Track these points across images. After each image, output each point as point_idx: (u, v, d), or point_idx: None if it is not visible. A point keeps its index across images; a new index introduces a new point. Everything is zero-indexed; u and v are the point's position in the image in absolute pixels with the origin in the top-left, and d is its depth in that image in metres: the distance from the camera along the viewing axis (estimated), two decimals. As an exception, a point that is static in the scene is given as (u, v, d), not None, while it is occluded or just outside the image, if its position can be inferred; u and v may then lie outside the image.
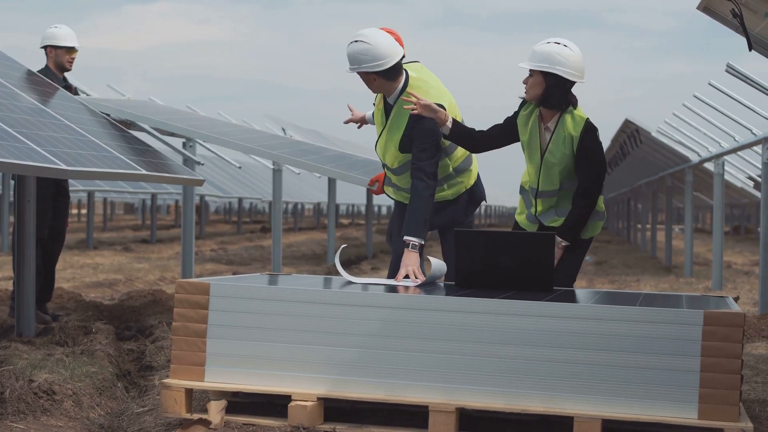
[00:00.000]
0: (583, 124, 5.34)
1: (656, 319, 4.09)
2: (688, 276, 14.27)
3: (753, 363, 6.43)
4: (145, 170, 6.56)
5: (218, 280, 4.69)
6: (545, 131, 5.43)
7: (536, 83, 5.31)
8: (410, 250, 5.30)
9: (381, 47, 5.33)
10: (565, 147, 5.35)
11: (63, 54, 8.13)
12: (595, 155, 5.40)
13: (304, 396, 4.32)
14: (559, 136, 5.36)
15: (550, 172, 5.43)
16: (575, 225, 5.44)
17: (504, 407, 4.18)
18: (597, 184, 5.44)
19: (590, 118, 5.40)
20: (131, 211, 62.39)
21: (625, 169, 23.56)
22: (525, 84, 5.37)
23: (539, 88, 5.31)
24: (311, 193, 34.46)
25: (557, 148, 5.37)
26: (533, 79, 5.31)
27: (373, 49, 5.32)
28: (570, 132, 5.33)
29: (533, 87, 5.33)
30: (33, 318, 6.92)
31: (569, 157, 5.36)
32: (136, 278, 12.69)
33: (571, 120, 5.35)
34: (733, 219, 40.73)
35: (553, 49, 5.26)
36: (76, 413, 4.89)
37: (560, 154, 5.37)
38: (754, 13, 6.32)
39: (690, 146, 14.02)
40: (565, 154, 5.36)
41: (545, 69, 5.25)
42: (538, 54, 5.26)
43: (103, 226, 31.27)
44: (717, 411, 4.00)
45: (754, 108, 9.44)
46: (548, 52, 5.26)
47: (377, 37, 5.34)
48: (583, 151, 5.35)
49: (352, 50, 5.35)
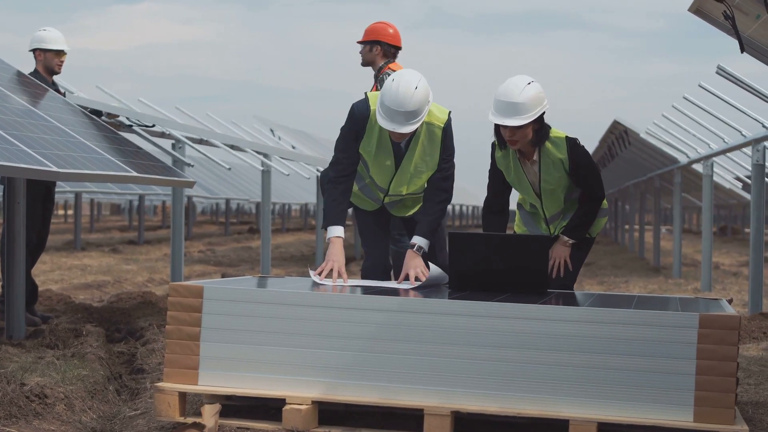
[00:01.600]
0: (565, 144, 5.34)
1: (652, 322, 4.08)
2: (676, 277, 14.28)
3: (745, 365, 6.43)
4: (136, 172, 6.54)
5: (211, 283, 4.66)
6: (531, 165, 5.42)
7: (527, 132, 5.22)
8: (415, 252, 5.29)
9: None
10: (557, 171, 5.37)
11: (52, 57, 8.06)
12: (589, 165, 5.44)
13: (298, 399, 4.31)
14: (547, 165, 5.36)
15: (552, 197, 5.47)
16: (582, 225, 5.48)
17: (499, 410, 4.18)
18: (600, 187, 5.50)
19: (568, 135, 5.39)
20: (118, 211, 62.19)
21: (613, 170, 23.59)
22: (511, 138, 5.22)
23: (530, 135, 5.25)
24: (298, 194, 34.44)
25: (550, 175, 5.38)
26: (523, 130, 5.19)
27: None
28: (557, 156, 5.33)
29: (524, 137, 5.23)
30: (23, 320, 6.90)
31: (565, 177, 5.40)
32: (124, 280, 12.64)
33: (552, 145, 5.33)
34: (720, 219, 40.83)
35: (534, 90, 5.14)
36: (69, 417, 4.86)
37: (555, 179, 5.39)
38: (746, 15, 6.33)
39: (679, 147, 14.03)
40: (559, 177, 5.38)
41: (539, 115, 5.18)
42: (525, 104, 5.11)
43: (90, 227, 31.17)
44: (712, 414, 4.00)
45: (744, 109, 9.45)
46: (533, 96, 5.13)
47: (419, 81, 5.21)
48: (577, 167, 5.37)
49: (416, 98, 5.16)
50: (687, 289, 12.32)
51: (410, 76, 5.15)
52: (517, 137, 5.21)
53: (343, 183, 5.39)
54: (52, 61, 8.07)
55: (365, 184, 5.68)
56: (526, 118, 5.12)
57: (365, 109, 5.35)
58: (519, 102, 5.10)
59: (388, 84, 5.14)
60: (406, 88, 5.08)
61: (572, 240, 5.51)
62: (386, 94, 5.12)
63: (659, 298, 4.98)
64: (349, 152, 5.42)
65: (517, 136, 5.20)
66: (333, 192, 5.36)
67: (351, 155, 5.42)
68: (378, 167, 5.48)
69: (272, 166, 12.13)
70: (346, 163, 5.41)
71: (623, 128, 16.23)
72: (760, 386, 5.79)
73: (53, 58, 8.07)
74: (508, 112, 5.13)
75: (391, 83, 5.13)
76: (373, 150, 5.40)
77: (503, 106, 5.14)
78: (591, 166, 5.44)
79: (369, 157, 5.44)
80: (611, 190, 29.51)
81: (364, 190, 5.71)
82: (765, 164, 9.39)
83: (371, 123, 5.34)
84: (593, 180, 5.44)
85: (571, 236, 5.50)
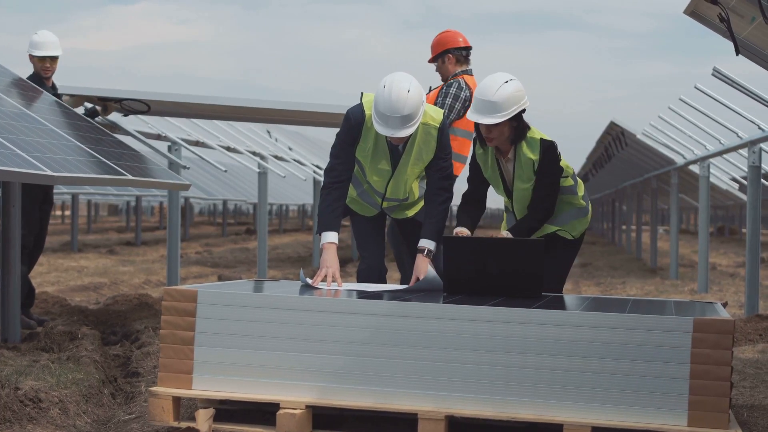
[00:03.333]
0: (539, 145, 5.34)
1: (646, 326, 4.08)
2: (673, 278, 14.28)
3: (740, 367, 6.43)
4: (131, 175, 6.53)
5: (205, 287, 4.66)
6: (506, 163, 5.43)
7: (504, 129, 5.25)
8: (425, 256, 5.30)
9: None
10: (528, 171, 5.37)
11: (36, 62, 8.01)
12: (551, 168, 5.40)
13: (292, 404, 4.30)
14: (521, 163, 5.38)
15: (524, 195, 5.46)
16: (527, 231, 5.42)
17: (493, 415, 4.17)
18: (552, 197, 5.45)
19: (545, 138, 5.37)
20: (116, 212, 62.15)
21: (610, 170, 23.59)
22: (488, 135, 5.25)
23: (507, 132, 5.28)
24: (295, 195, 34.42)
25: (524, 173, 5.38)
26: (500, 128, 5.22)
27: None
28: (529, 157, 5.34)
29: (501, 134, 5.27)
30: (18, 324, 6.89)
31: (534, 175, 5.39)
32: (121, 282, 12.63)
33: (527, 145, 5.34)
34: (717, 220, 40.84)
35: (511, 88, 5.16)
36: (63, 421, 4.86)
37: (527, 178, 5.39)
38: (741, 18, 6.32)
39: (675, 149, 14.04)
40: (531, 176, 5.38)
41: (515, 113, 5.20)
42: (500, 103, 5.14)
43: (87, 228, 31.15)
44: (707, 418, 3.99)
45: (740, 111, 9.45)
46: (509, 95, 5.15)
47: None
48: (542, 169, 5.37)
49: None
50: (684, 291, 12.31)
51: (402, 80, 5.15)
52: (494, 135, 5.25)
53: (337, 189, 5.39)
54: (37, 67, 8.02)
55: (363, 189, 5.68)
56: (500, 117, 5.16)
57: (360, 113, 5.36)
58: (494, 100, 5.14)
59: (380, 90, 5.15)
60: (399, 93, 5.09)
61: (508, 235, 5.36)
62: (379, 100, 5.13)
63: (654, 301, 4.98)
64: (344, 158, 5.42)
65: (493, 134, 5.25)
66: (327, 198, 5.38)
67: (346, 161, 5.42)
68: (375, 171, 5.49)
69: (269, 168, 12.12)
70: (340, 170, 5.41)
71: (620, 129, 16.24)
72: (756, 389, 5.78)
73: (37, 63, 8.00)
74: (484, 110, 5.17)
75: (383, 89, 5.14)
76: (370, 154, 5.40)
77: (480, 104, 5.19)
78: (551, 169, 5.38)
79: (366, 161, 5.45)
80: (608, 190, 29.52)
81: (362, 195, 5.72)
82: (761, 166, 9.40)
83: (367, 126, 5.34)
84: (544, 181, 5.38)
85: (513, 233, 5.38)
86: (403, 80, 5.15)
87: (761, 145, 9.36)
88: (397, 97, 5.07)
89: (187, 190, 7.51)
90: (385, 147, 5.41)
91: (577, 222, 5.67)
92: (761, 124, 9.17)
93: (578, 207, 5.65)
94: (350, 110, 5.42)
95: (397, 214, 5.83)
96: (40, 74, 8.02)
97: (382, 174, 5.51)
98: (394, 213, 5.81)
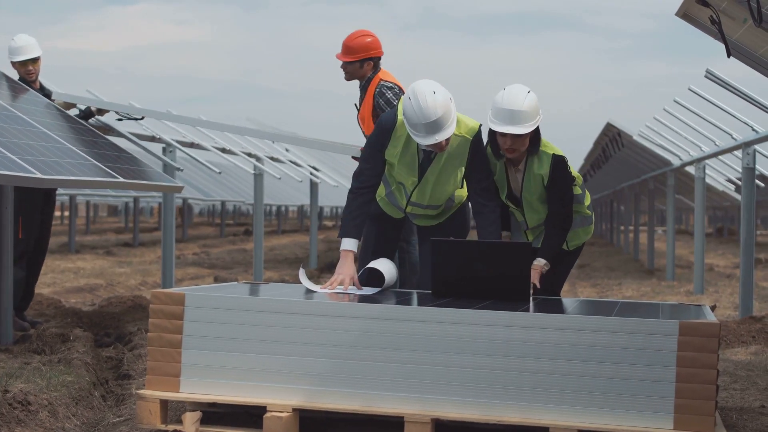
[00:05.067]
0: (550, 161, 5.30)
1: (632, 329, 4.08)
2: (670, 279, 14.28)
3: (732, 369, 6.42)
4: (122, 177, 6.53)
5: (193, 290, 4.66)
6: (516, 173, 5.41)
7: (526, 140, 5.20)
8: None
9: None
10: (537, 184, 5.36)
11: (19, 68, 8.00)
12: (563, 184, 5.38)
13: (279, 407, 4.30)
14: (530, 176, 5.35)
15: (532, 206, 5.46)
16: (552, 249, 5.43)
17: (479, 418, 4.17)
18: (567, 208, 5.44)
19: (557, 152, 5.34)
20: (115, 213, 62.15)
21: (608, 171, 23.60)
22: (511, 146, 5.18)
23: (527, 143, 5.23)
24: (294, 196, 34.40)
25: (531, 185, 5.37)
26: (522, 139, 5.16)
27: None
28: (539, 172, 5.32)
29: (523, 145, 5.21)
30: (10, 326, 6.89)
31: (545, 191, 5.38)
32: (117, 283, 12.63)
33: (538, 160, 5.31)
34: (716, 220, 40.81)
35: (534, 99, 5.11)
36: (52, 424, 4.85)
37: (535, 189, 5.38)
38: (733, 20, 6.33)
39: (671, 150, 14.04)
40: (540, 189, 5.37)
41: (538, 124, 5.16)
42: (529, 112, 5.08)
43: (86, 229, 31.15)
44: (692, 421, 4.00)
45: (734, 113, 9.45)
46: (534, 105, 5.11)
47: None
48: (552, 183, 5.34)
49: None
50: (680, 292, 12.31)
51: (424, 86, 5.09)
52: (517, 146, 5.18)
53: (363, 195, 5.36)
54: (21, 72, 8.02)
55: (391, 191, 5.69)
56: (529, 126, 5.10)
57: (392, 118, 5.33)
58: (523, 110, 5.08)
59: (407, 104, 5.07)
60: (424, 98, 5.02)
61: (545, 262, 5.44)
62: (410, 113, 5.06)
63: (642, 304, 4.98)
64: (373, 163, 5.39)
65: (516, 145, 5.17)
66: (351, 203, 5.34)
67: (375, 166, 5.40)
68: (402, 175, 5.48)
69: (264, 170, 12.11)
70: (368, 174, 5.38)
71: (616, 130, 16.24)
72: (746, 391, 5.78)
73: (20, 68, 8.00)
74: (512, 120, 5.09)
75: (409, 102, 5.06)
76: (398, 158, 5.37)
77: (506, 114, 5.09)
78: (563, 184, 5.37)
79: (394, 164, 5.43)
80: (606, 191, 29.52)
81: (389, 196, 5.73)
82: (755, 167, 9.39)
83: (396, 131, 5.31)
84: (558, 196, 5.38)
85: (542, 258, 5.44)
86: (426, 85, 5.09)
87: (755, 146, 9.35)
88: (425, 103, 5.01)
89: (179, 192, 7.51)
90: (414, 153, 5.37)
91: (582, 230, 5.67)
92: (755, 126, 9.16)
93: (583, 216, 5.65)
94: (383, 115, 5.44)
95: (420, 221, 5.80)
96: (26, 78, 8.02)
97: (409, 179, 5.48)
98: (417, 219, 5.78)
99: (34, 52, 7.94)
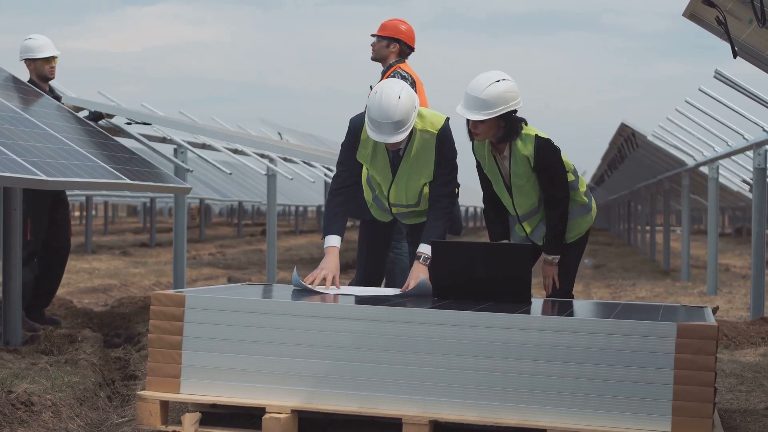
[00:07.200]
0: (533, 142, 5.38)
1: (629, 331, 4.08)
2: (685, 280, 14.23)
3: (739, 371, 6.39)
4: (129, 179, 6.55)
5: (193, 291, 4.68)
6: (503, 159, 5.46)
7: (491, 126, 5.30)
8: (421, 263, 5.30)
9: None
10: (524, 167, 5.41)
11: (42, 65, 8.06)
12: (553, 165, 5.45)
13: (278, 408, 4.31)
14: (516, 160, 5.42)
15: (522, 191, 5.48)
16: (556, 238, 5.50)
17: (477, 419, 4.18)
18: (563, 191, 5.47)
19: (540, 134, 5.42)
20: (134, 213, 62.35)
21: (624, 171, 23.54)
22: (473, 129, 5.33)
23: (495, 129, 5.33)
24: (311, 196, 34.44)
25: (519, 169, 5.41)
26: (486, 124, 5.28)
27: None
28: (523, 153, 5.38)
29: (488, 130, 5.32)
30: (20, 326, 6.93)
31: (533, 174, 5.42)
32: (131, 283, 12.68)
33: (521, 142, 5.38)
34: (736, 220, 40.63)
35: (502, 88, 5.21)
36: (55, 424, 4.88)
37: (524, 173, 5.42)
38: (739, 21, 6.30)
39: (685, 150, 13.99)
40: (527, 173, 5.41)
41: (502, 112, 5.24)
42: (487, 101, 5.20)
43: (104, 229, 31.26)
44: (690, 424, 3.98)
45: (744, 113, 9.41)
46: (497, 94, 5.21)
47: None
48: (540, 166, 5.40)
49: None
50: (693, 293, 12.27)
51: (393, 86, 5.20)
52: (479, 130, 5.32)
53: (341, 194, 5.47)
54: (44, 69, 8.06)
55: (376, 194, 5.74)
56: (485, 114, 5.21)
57: (360, 120, 5.43)
58: (481, 98, 5.20)
59: (372, 97, 5.19)
60: (389, 99, 5.13)
61: (554, 256, 5.55)
62: (371, 107, 5.18)
63: (643, 305, 4.97)
64: (348, 164, 5.51)
65: (479, 129, 5.31)
66: (330, 203, 5.46)
67: (350, 167, 5.51)
68: (377, 176, 5.56)
69: (277, 171, 12.13)
70: (345, 176, 5.50)
71: (630, 131, 16.20)
72: (751, 393, 5.76)
73: (44, 65, 8.06)
74: (471, 106, 5.24)
75: (374, 95, 5.18)
76: (369, 159, 5.47)
77: (468, 99, 5.25)
78: (553, 166, 5.43)
79: (367, 166, 5.55)
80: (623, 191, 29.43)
81: (376, 200, 5.79)
82: (766, 168, 9.36)
83: (364, 132, 5.38)
84: (551, 180, 5.46)
85: (551, 252, 5.55)
86: (395, 87, 5.19)
87: (766, 147, 9.31)
88: (388, 104, 5.11)
89: (187, 193, 7.53)
90: (384, 153, 5.45)
91: (581, 219, 5.67)
92: (766, 127, 9.12)
93: (580, 204, 5.65)
94: (352, 118, 5.52)
95: (409, 221, 5.82)
96: (46, 76, 8.07)
97: (384, 179, 5.56)
98: (405, 219, 5.81)
99: (56, 50, 8.07)
